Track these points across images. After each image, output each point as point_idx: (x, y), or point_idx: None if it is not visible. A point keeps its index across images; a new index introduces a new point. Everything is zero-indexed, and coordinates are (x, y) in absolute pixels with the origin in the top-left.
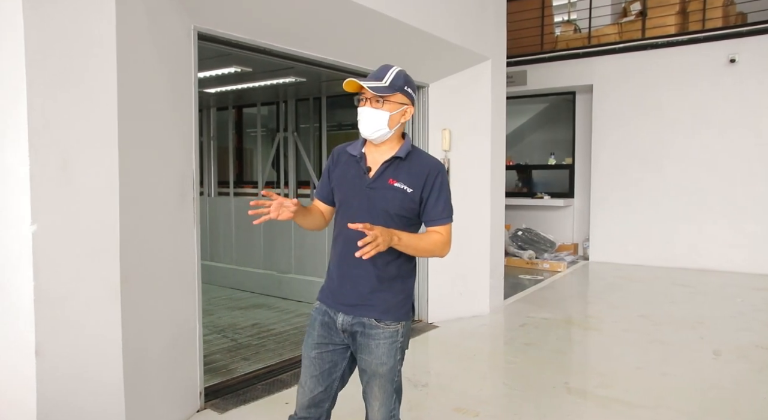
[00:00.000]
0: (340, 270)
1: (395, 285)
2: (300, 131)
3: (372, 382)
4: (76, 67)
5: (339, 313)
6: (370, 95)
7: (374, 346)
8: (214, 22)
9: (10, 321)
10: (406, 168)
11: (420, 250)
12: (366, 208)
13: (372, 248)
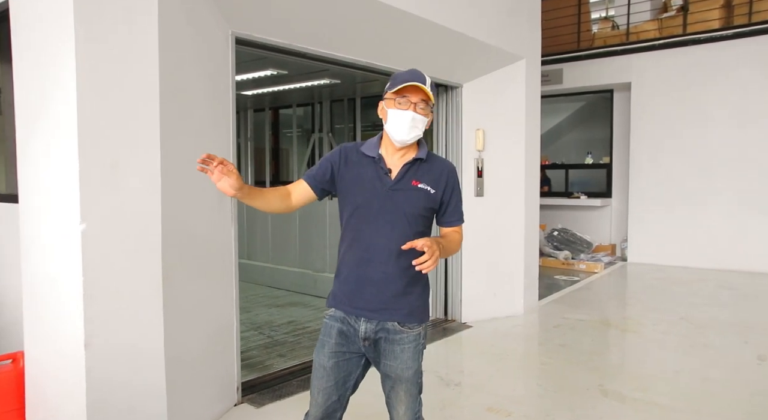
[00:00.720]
0: (360, 275)
1: (418, 288)
2: (335, 132)
3: (398, 387)
4: (122, 73)
5: (360, 320)
6: (416, 100)
7: (399, 350)
8: (251, 27)
9: (62, 315)
10: (427, 169)
11: (449, 253)
12: (389, 209)
13: (433, 262)
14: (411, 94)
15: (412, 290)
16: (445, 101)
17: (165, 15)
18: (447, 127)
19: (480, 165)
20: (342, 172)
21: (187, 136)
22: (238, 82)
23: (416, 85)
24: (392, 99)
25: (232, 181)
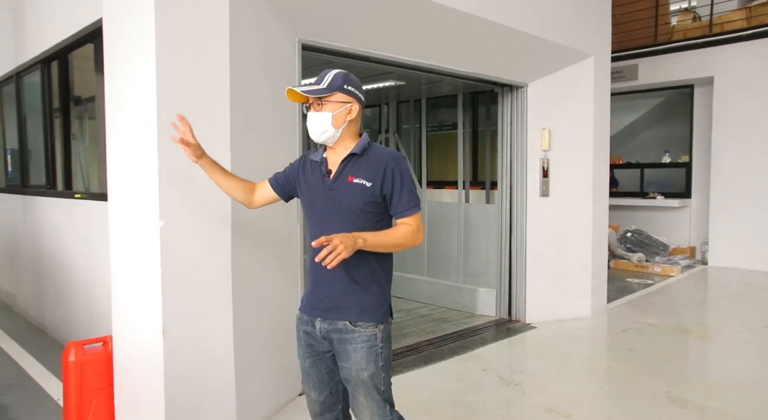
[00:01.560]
0: (314, 275)
1: (370, 285)
2: (402, 132)
3: (355, 392)
4: (196, 82)
5: (317, 320)
6: (311, 100)
7: (351, 350)
8: (317, 34)
9: (143, 304)
10: (364, 163)
11: (390, 246)
12: (330, 209)
13: (334, 257)
14: (308, 98)
15: (361, 287)
16: (509, 101)
17: (236, 27)
18: (512, 127)
19: (545, 165)
20: (299, 179)
21: (254, 137)
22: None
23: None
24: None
25: (189, 151)
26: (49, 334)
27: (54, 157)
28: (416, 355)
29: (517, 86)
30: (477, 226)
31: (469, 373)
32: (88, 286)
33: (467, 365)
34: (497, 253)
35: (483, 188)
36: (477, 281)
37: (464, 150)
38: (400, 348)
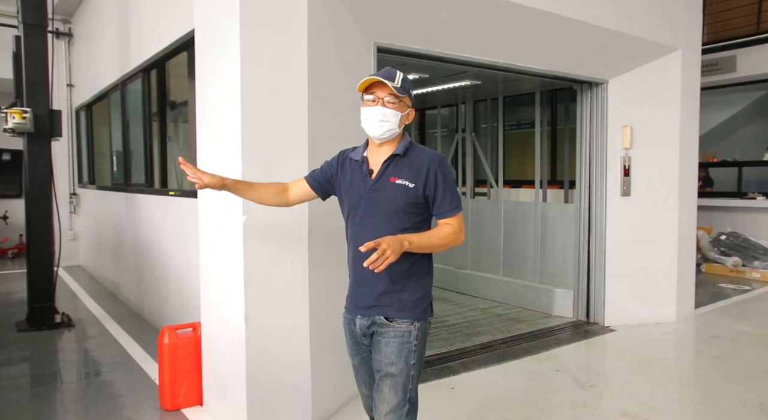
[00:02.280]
0: (355, 274)
1: (410, 284)
2: (479, 131)
3: (381, 383)
4: (276, 87)
5: (357, 317)
6: (383, 95)
7: (383, 344)
8: (392, 36)
9: (227, 293)
10: (406, 164)
11: (434, 247)
12: (372, 210)
13: (382, 262)
14: (378, 90)
15: (402, 287)
16: (589, 98)
17: (314, 33)
18: (591, 124)
19: (627, 163)
20: (338, 177)
21: (331, 137)
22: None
23: (380, 81)
24: (363, 98)
25: (205, 182)
26: (147, 320)
27: (152, 157)
28: (489, 353)
29: (596, 83)
30: (554, 225)
31: (541, 373)
32: (181, 276)
33: (540, 365)
34: (575, 253)
35: (561, 187)
36: (554, 281)
37: (542, 149)
38: (473, 346)
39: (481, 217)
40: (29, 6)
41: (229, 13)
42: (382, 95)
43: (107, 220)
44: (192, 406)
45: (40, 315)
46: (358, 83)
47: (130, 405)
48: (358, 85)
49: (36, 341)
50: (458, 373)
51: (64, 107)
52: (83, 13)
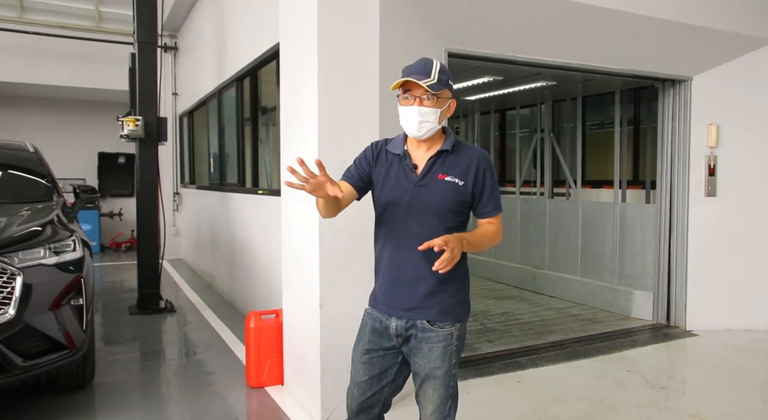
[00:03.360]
0: (393, 274)
1: (452, 286)
2: (559, 131)
3: (425, 385)
4: (350, 91)
5: (392, 318)
6: (419, 93)
7: (428, 349)
8: (463, 42)
9: (305, 283)
10: (454, 161)
11: (483, 247)
12: (417, 206)
13: (449, 262)
14: (414, 88)
15: (445, 288)
16: (671, 96)
17: (385, 43)
18: (673, 123)
19: (712, 163)
20: (374, 169)
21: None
22: (463, 88)
23: (411, 81)
24: (400, 95)
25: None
26: (238, 308)
27: (244, 159)
28: (559, 351)
29: (679, 80)
30: (633, 226)
31: (612, 373)
32: (267, 269)
33: (612, 365)
34: (655, 254)
35: (643, 187)
36: (633, 283)
37: (621, 148)
38: (544, 344)
39: (559, 217)
40: (143, 27)
41: (308, 28)
42: (419, 93)
43: (205, 218)
44: (274, 384)
45: (148, 301)
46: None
47: (220, 381)
48: (393, 84)
49: (144, 323)
50: (526, 369)
51: (170, 114)
52: (187, 28)
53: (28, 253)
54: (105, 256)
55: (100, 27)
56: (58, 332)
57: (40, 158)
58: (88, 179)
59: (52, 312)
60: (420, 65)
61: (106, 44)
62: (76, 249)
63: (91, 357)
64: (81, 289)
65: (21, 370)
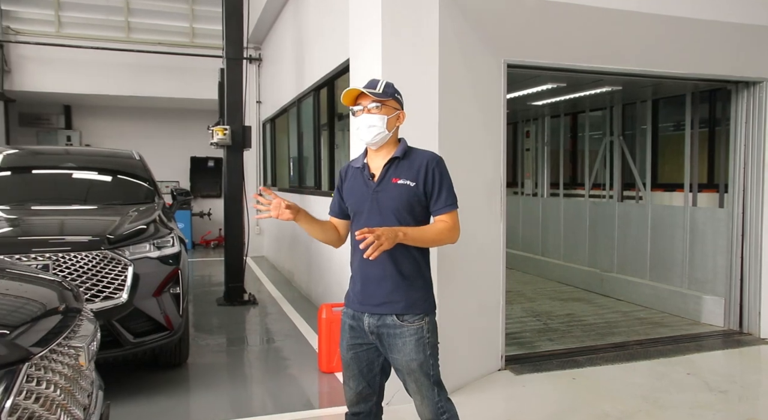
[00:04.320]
0: (363, 274)
1: (417, 280)
2: (629, 134)
3: (408, 379)
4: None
5: (365, 315)
6: (366, 103)
7: (401, 344)
8: (523, 54)
9: None
10: (406, 165)
11: (428, 241)
12: (376, 210)
13: (375, 248)
14: (362, 100)
15: (409, 283)
16: (744, 98)
17: (445, 59)
18: (747, 125)
19: None
20: (343, 189)
21: (460, 144)
22: (532, 94)
23: (362, 92)
24: (353, 111)
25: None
26: (314, 302)
27: (320, 163)
28: (619, 352)
29: (753, 82)
30: (704, 230)
31: (671, 375)
32: (340, 266)
33: (672, 368)
34: (727, 259)
35: (717, 191)
36: (703, 288)
37: (692, 151)
38: (604, 344)
39: (627, 221)
40: (231, 44)
41: (373, 50)
42: (366, 103)
43: None
44: None
45: (233, 294)
46: (489, 101)
47: (295, 366)
48: (342, 99)
49: (230, 313)
50: (583, 367)
51: (254, 121)
52: (270, 41)
53: (137, 248)
54: (196, 253)
55: (194, 42)
56: (160, 315)
57: (144, 165)
58: (181, 181)
59: (155, 298)
60: (368, 83)
61: (198, 58)
62: (174, 245)
63: (186, 339)
64: (178, 280)
65: (132, 346)
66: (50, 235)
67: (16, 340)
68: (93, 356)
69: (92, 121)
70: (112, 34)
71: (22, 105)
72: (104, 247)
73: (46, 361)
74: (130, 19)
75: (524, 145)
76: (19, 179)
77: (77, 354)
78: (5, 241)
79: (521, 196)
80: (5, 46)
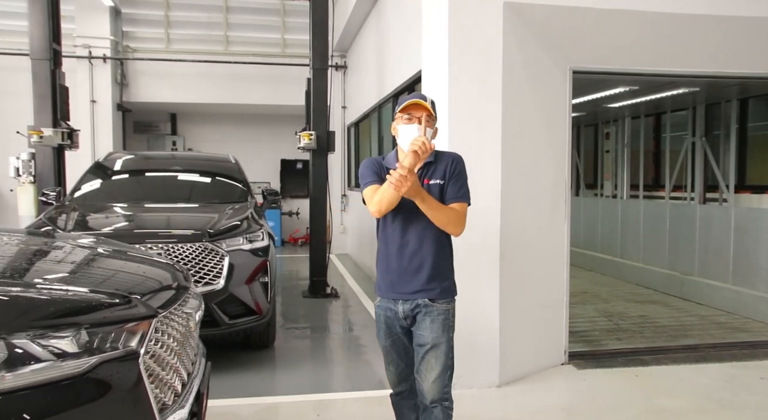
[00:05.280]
0: (400, 264)
1: (448, 271)
2: (714, 134)
3: (428, 355)
4: (475, 108)
5: (398, 303)
6: (420, 115)
7: (430, 321)
8: (589, 61)
9: None
10: (434, 168)
11: (438, 214)
12: (413, 207)
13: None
14: (415, 111)
15: (443, 273)
16: None
17: (508, 69)
18: None
19: None
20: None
21: (523, 149)
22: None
23: (418, 102)
24: (400, 117)
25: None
26: None
27: None
28: (689, 354)
29: None
30: None
31: (741, 378)
32: None
33: (744, 371)
34: None
35: None
36: None
37: None
38: (674, 346)
39: (709, 223)
40: (317, 56)
41: (440, 63)
42: (419, 114)
43: (366, 217)
44: None
45: (317, 287)
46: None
47: (371, 352)
48: (400, 107)
49: (313, 305)
50: (648, 365)
51: (339, 126)
52: (354, 48)
53: (232, 241)
54: (284, 250)
55: (285, 52)
56: (251, 301)
57: (239, 168)
58: (272, 182)
59: (247, 285)
60: (418, 95)
61: (287, 67)
62: (264, 239)
63: (273, 324)
64: (267, 270)
65: (227, 326)
66: (160, 229)
67: (148, 302)
68: (198, 322)
69: (194, 127)
70: (213, 48)
71: (136, 114)
72: (205, 240)
73: (166, 321)
74: (228, 33)
75: (604, 146)
76: (134, 181)
77: (188, 318)
78: (124, 233)
79: (600, 197)
80: (124, 63)
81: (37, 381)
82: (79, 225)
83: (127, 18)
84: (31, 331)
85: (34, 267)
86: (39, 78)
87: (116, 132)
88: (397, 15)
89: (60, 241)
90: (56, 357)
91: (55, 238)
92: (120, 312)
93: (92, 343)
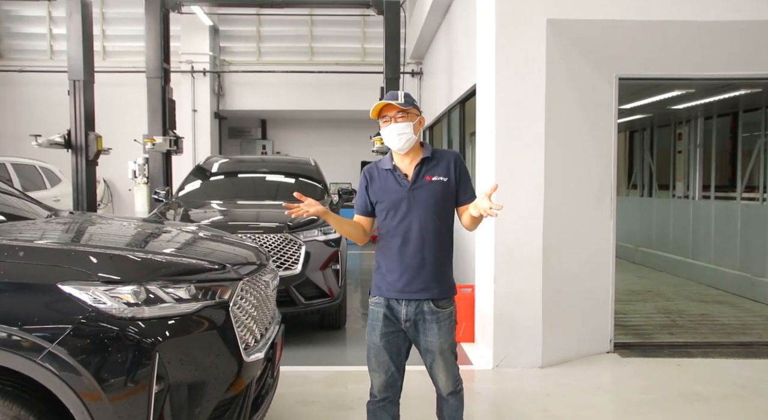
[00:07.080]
0: (402, 264)
1: (448, 269)
2: None
3: (439, 358)
4: (518, 117)
5: (401, 303)
6: (392, 114)
7: (438, 328)
8: (636, 68)
9: (486, 264)
10: (435, 164)
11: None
12: (414, 204)
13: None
14: (388, 112)
15: (444, 270)
16: None
17: (552, 79)
18: None
19: None
20: (371, 189)
21: (566, 154)
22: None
23: (387, 104)
24: (380, 122)
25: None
26: None
27: None
28: (740, 349)
29: None
30: None
31: None
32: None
33: None
34: None
35: None
36: None
37: None
38: (727, 342)
39: None
40: (389, 65)
41: (489, 71)
42: (392, 114)
43: None
44: (468, 341)
45: None
46: (597, 113)
47: None
48: (371, 113)
49: None
50: (693, 358)
51: None
52: (429, 56)
53: (309, 232)
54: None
55: (364, 61)
56: (324, 285)
57: (318, 169)
58: (353, 183)
59: (321, 271)
60: (389, 95)
61: (364, 75)
62: (336, 232)
63: (344, 307)
64: (338, 259)
65: (303, 306)
66: (249, 221)
67: (237, 270)
68: (275, 288)
69: (282, 132)
70: (299, 59)
71: (230, 121)
72: (285, 231)
73: (249, 284)
74: (312, 45)
75: (676, 147)
76: (228, 181)
77: (266, 285)
78: (220, 224)
79: (672, 198)
80: (221, 75)
81: (164, 314)
82: (184, 219)
83: (223, 35)
84: (161, 281)
85: (156, 241)
86: (152, 94)
87: (213, 137)
88: (464, 27)
89: (170, 227)
90: (175, 301)
91: (164, 224)
92: (217, 275)
93: (198, 294)
